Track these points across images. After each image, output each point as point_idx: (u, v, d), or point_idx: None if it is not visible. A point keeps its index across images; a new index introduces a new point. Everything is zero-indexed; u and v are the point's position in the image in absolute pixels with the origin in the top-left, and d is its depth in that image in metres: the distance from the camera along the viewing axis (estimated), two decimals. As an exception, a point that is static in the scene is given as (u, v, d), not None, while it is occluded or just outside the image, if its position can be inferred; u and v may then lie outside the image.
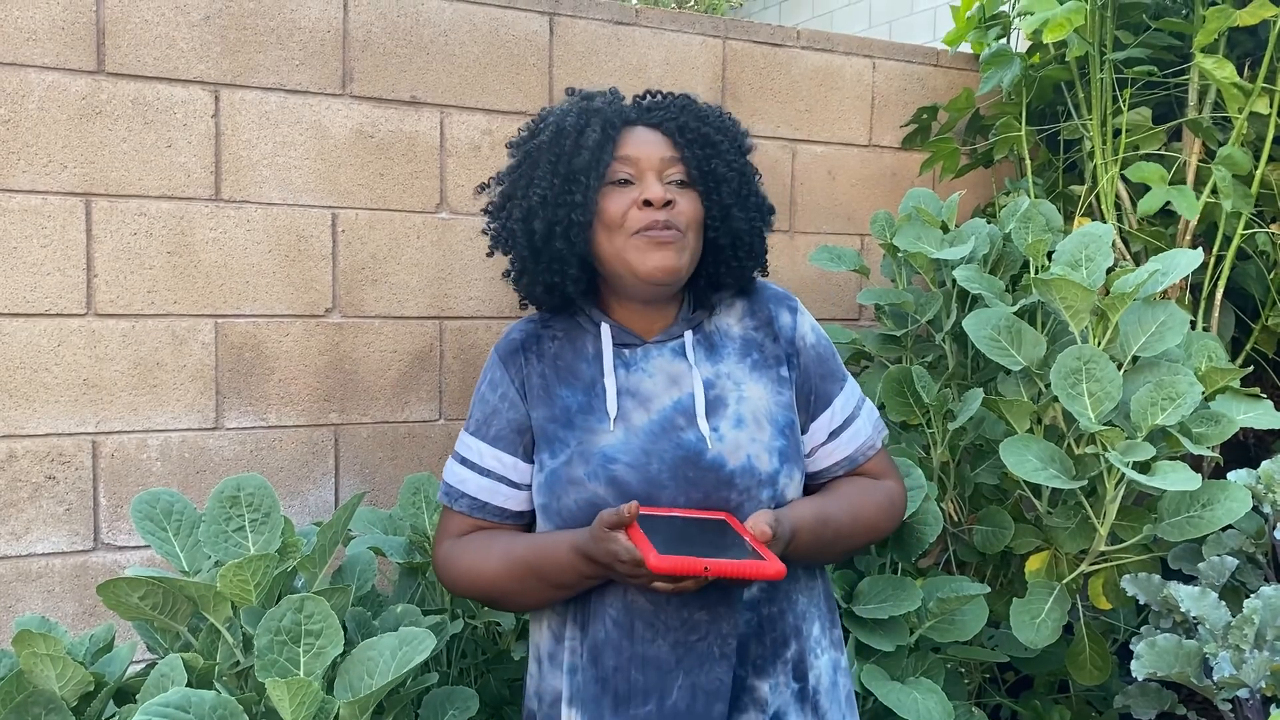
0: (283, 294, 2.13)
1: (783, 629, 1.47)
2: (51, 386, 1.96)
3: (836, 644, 1.57)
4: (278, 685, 1.27)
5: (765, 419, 1.48)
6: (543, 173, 1.46)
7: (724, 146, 1.49)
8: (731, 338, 1.54)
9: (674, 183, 1.47)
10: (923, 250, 2.21)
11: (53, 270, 1.95)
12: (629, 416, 1.46)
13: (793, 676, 1.47)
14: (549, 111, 1.52)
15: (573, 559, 1.38)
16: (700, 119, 1.50)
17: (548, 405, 1.49)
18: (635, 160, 1.45)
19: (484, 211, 1.58)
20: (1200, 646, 1.75)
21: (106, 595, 1.42)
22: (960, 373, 2.28)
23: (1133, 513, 1.97)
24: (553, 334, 1.54)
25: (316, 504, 2.19)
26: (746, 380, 1.50)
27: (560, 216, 1.44)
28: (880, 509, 1.55)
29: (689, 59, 2.51)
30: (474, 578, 1.47)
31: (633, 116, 1.51)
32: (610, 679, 1.40)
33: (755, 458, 1.44)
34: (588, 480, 1.43)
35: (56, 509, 1.98)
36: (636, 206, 1.43)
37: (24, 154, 1.93)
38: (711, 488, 1.42)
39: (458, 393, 2.30)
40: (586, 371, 1.50)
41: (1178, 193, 2.31)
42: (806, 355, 1.56)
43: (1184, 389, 1.79)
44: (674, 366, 1.49)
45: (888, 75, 2.77)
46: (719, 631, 1.40)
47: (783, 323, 1.56)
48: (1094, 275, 1.94)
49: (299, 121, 2.13)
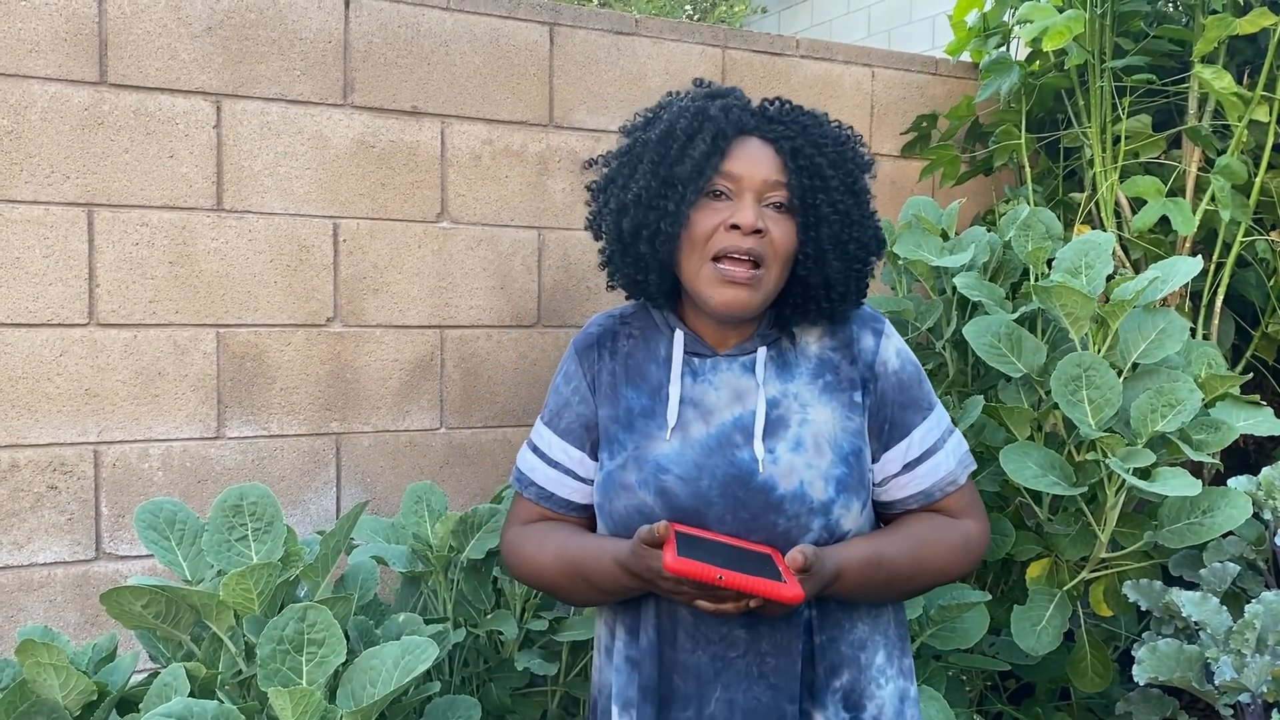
0: (284, 303, 2.14)
1: (834, 657, 1.43)
2: (53, 396, 1.96)
3: (906, 673, 1.51)
4: (280, 694, 1.27)
5: (827, 444, 1.41)
6: (644, 171, 1.40)
7: (834, 182, 1.40)
8: (807, 356, 1.47)
9: (773, 205, 1.39)
10: (923, 258, 2.21)
11: (55, 280, 1.96)
12: (688, 427, 1.43)
13: (843, 706, 1.43)
14: (669, 102, 1.46)
15: (614, 570, 1.37)
16: (817, 146, 1.40)
17: (612, 404, 1.47)
18: (738, 177, 1.38)
19: (586, 188, 1.53)
20: (1202, 651, 1.76)
21: (110, 604, 1.42)
22: (961, 380, 2.28)
23: (1133, 519, 1.97)
24: (629, 331, 1.51)
25: (318, 513, 2.19)
26: (814, 403, 1.44)
27: (650, 220, 1.40)
28: (952, 552, 1.45)
29: (688, 68, 2.52)
30: (529, 569, 1.47)
31: (750, 125, 1.41)
32: (653, 685, 1.40)
33: (809, 484, 1.38)
34: (638, 488, 1.41)
35: (58, 519, 1.98)
36: (724, 227, 1.37)
37: (27, 165, 1.93)
38: (760, 510, 1.37)
39: (458, 401, 2.30)
40: (655, 374, 1.47)
41: (1174, 206, 2.32)
42: (886, 381, 1.46)
43: (1184, 396, 1.80)
44: (741, 382, 1.45)
45: (886, 84, 2.78)
46: (758, 650, 1.38)
47: (864, 345, 1.47)
48: (1094, 283, 1.95)
49: (300, 132, 2.14)
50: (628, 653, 1.45)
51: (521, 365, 2.35)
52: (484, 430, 2.33)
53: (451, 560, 1.89)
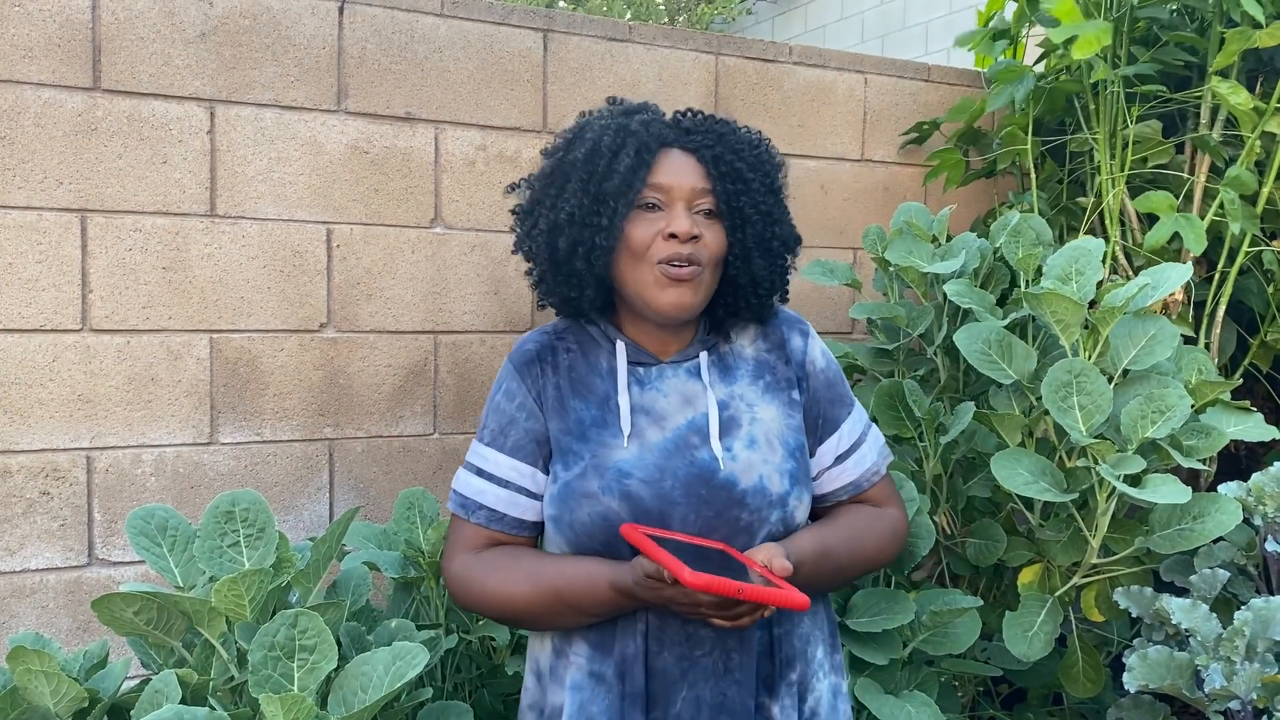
0: (277, 309, 2.14)
1: (788, 650, 1.48)
2: (46, 402, 1.96)
3: (837, 668, 1.57)
4: (271, 701, 1.27)
5: (777, 440, 1.48)
6: (572, 190, 1.44)
7: (754, 184, 1.47)
8: (745, 359, 1.54)
9: (702, 212, 1.45)
10: (914, 264, 2.22)
11: (48, 286, 1.96)
12: (643, 433, 1.46)
13: (796, 699, 1.47)
14: (587, 124, 1.50)
15: (614, 597, 1.38)
16: (735, 152, 1.47)
17: (562, 417, 1.49)
18: (667, 188, 1.44)
19: (511, 212, 1.58)
20: (1192, 659, 1.76)
21: (101, 611, 1.42)
22: (952, 386, 2.29)
23: (1124, 525, 1.97)
24: (567, 345, 1.54)
25: (311, 519, 2.19)
26: (759, 402, 1.51)
27: (585, 238, 1.43)
28: (881, 542, 1.55)
29: (682, 74, 2.52)
30: (499, 600, 1.44)
31: (670, 138, 1.48)
32: (629, 690, 1.42)
33: (767, 478, 1.44)
34: (601, 494, 1.42)
35: (51, 525, 1.98)
36: (662, 237, 1.42)
37: (20, 170, 1.94)
38: (723, 506, 1.42)
39: (452, 407, 2.31)
40: (600, 386, 1.50)
41: (1185, 222, 2.31)
42: (816, 379, 1.56)
43: (1174, 402, 1.80)
44: (688, 386, 1.49)
45: (880, 90, 2.79)
46: (724, 647, 1.42)
47: (794, 346, 1.56)
48: (1084, 289, 1.95)
49: (294, 137, 2.14)
50: (591, 668, 1.45)
51: (515, 371, 2.35)
52: (477, 436, 2.33)
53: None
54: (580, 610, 1.41)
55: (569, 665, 1.47)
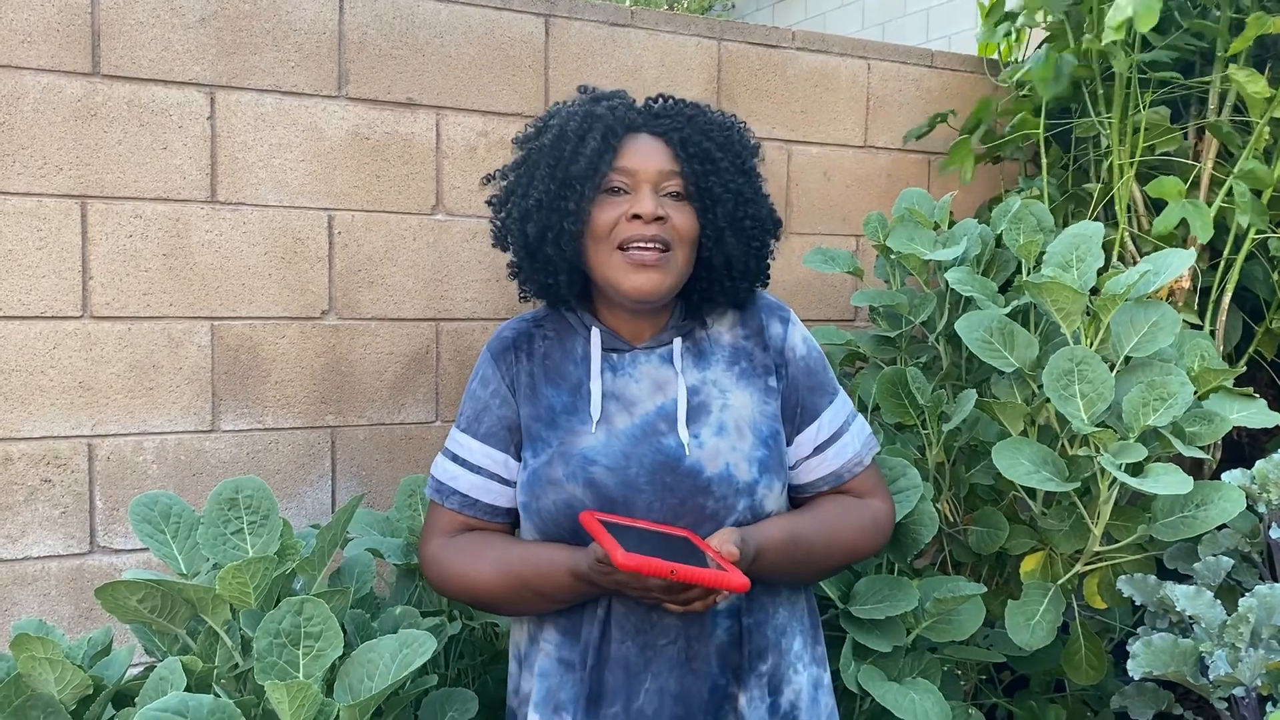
0: (279, 296, 2.13)
1: (759, 641, 1.47)
2: (47, 389, 1.96)
3: (819, 661, 1.56)
4: (277, 688, 1.27)
5: (748, 428, 1.47)
6: (541, 176, 1.45)
7: (724, 164, 1.47)
8: (721, 345, 1.54)
9: (670, 195, 1.46)
10: (915, 252, 2.21)
11: (48, 273, 1.95)
12: (612, 420, 1.46)
13: (767, 690, 1.46)
14: (557, 110, 1.51)
15: (573, 583, 1.39)
16: (704, 133, 1.47)
17: (533, 404, 1.50)
18: (633, 171, 1.44)
19: (488, 203, 1.59)
20: (1196, 645, 1.76)
21: (105, 598, 1.41)
22: (955, 373, 2.29)
23: (1127, 512, 1.97)
24: (544, 333, 1.55)
25: (313, 506, 2.19)
26: (732, 388, 1.50)
27: (553, 222, 1.44)
28: (860, 530, 1.53)
29: (684, 60, 2.51)
30: (466, 584, 1.47)
31: (638, 123, 1.49)
32: (587, 679, 1.42)
33: (734, 466, 1.44)
34: (566, 481, 1.43)
35: (52, 512, 1.98)
36: (626, 219, 1.43)
37: (19, 156, 1.92)
38: (688, 494, 1.42)
39: (454, 394, 2.30)
40: (574, 373, 1.51)
41: (1194, 209, 2.30)
42: (795, 367, 1.55)
43: (1175, 389, 1.80)
44: (660, 372, 1.50)
45: (883, 76, 2.77)
46: (687, 635, 1.41)
47: (773, 333, 1.55)
48: (1085, 277, 1.95)
49: (295, 123, 2.13)
50: (559, 655, 1.46)
51: (517, 358, 2.35)
52: (479, 423, 2.33)
53: (447, 553, 1.89)
54: (543, 596, 1.41)
55: (539, 651, 1.48)
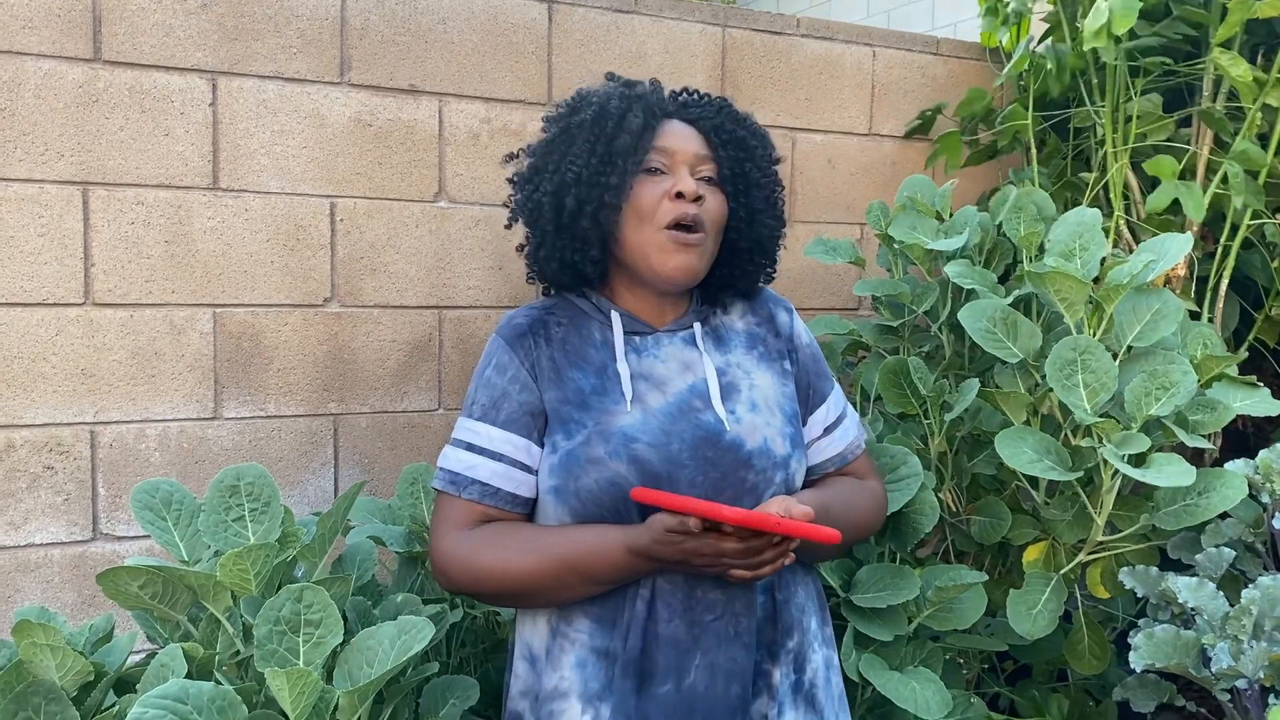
0: (281, 283, 2.13)
1: (787, 618, 1.50)
2: (49, 376, 1.96)
3: (829, 642, 1.60)
4: (277, 675, 1.27)
5: (775, 406, 1.52)
6: (580, 150, 1.46)
7: (759, 152, 1.54)
8: (736, 332, 1.58)
9: (704, 179, 1.50)
10: (918, 241, 2.20)
11: (50, 260, 1.95)
12: (645, 399, 1.47)
13: (793, 668, 1.49)
14: (590, 91, 1.54)
15: (629, 559, 1.36)
16: (737, 122, 1.53)
17: (559, 387, 1.48)
18: (671, 152, 1.48)
19: (509, 180, 1.59)
20: (1198, 637, 1.76)
21: (106, 584, 1.42)
22: (958, 363, 2.28)
23: (1130, 502, 1.97)
24: (558, 320, 1.54)
25: (316, 494, 2.19)
26: (755, 369, 1.55)
27: (593, 196, 1.45)
28: (870, 508, 1.60)
29: (688, 46, 2.50)
30: (501, 574, 1.40)
31: (671, 109, 1.53)
32: (636, 660, 1.40)
33: (771, 440, 1.47)
34: (609, 459, 1.41)
35: (55, 499, 1.98)
36: (669, 198, 1.45)
37: (21, 143, 1.92)
38: (730, 468, 1.44)
39: (457, 383, 2.30)
40: (596, 356, 1.50)
41: (1186, 190, 2.30)
42: (803, 352, 1.62)
43: (1178, 378, 1.79)
44: (685, 354, 1.52)
45: (888, 64, 2.76)
46: (733, 611, 1.42)
47: (781, 321, 1.62)
48: (1088, 266, 1.94)
49: (297, 110, 2.12)
50: (594, 644, 1.43)
51: (519, 346, 2.34)
52: (481, 411, 2.32)
53: (449, 541, 1.89)
54: (590, 578, 1.38)
55: (570, 645, 1.44)
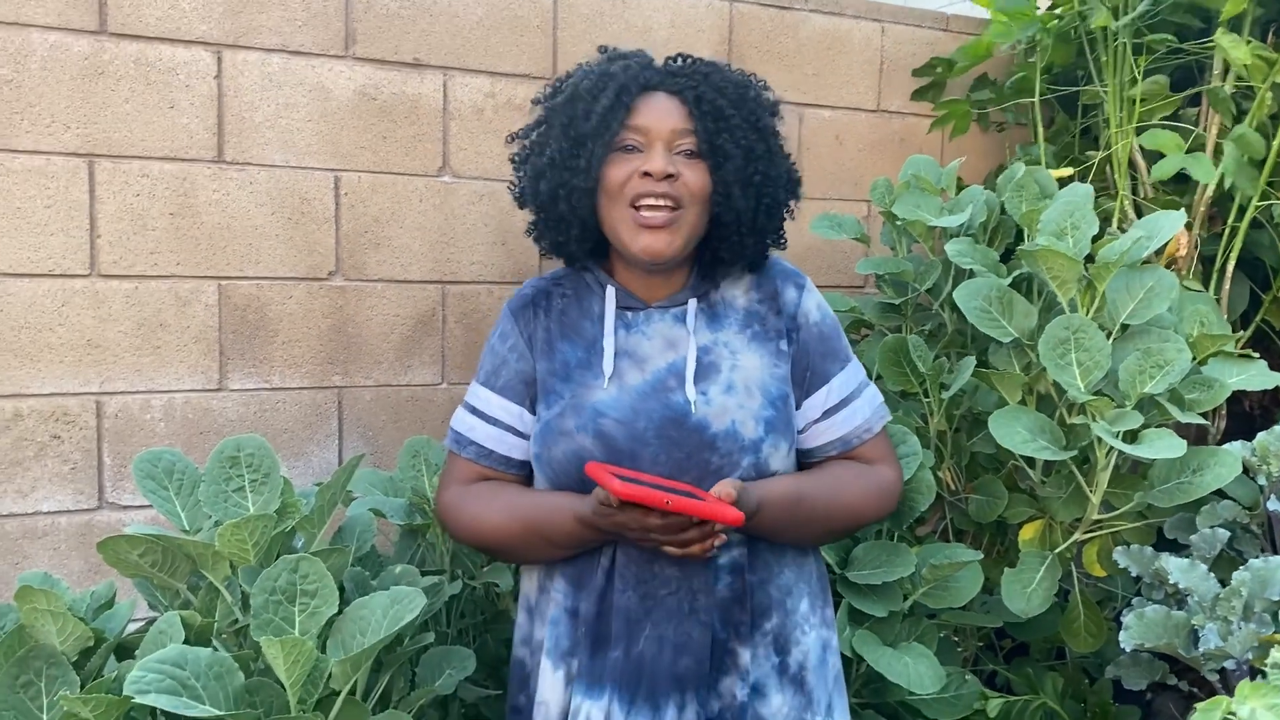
0: (285, 256, 2.14)
1: (763, 598, 1.50)
2: (55, 346, 1.98)
3: (827, 623, 1.59)
4: (272, 644, 1.29)
5: (757, 388, 1.50)
6: (555, 135, 1.48)
7: (735, 121, 1.48)
8: (735, 309, 1.56)
9: (684, 153, 1.47)
10: (921, 218, 2.20)
11: (56, 231, 1.97)
12: (624, 375, 1.49)
13: (773, 649, 1.49)
14: (576, 70, 1.54)
15: (578, 529, 1.43)
16: (718, 90, 1.48)
17: (549, 359, 1.53)
18: (645, 129, 1.46)
19: (510, 160, 1.61)
20: (1189, 618, 1.77)
21: (106, 552, 1.44)
22: (959, 341, 2.28)
23: (1126, 480, 1.97)
24: (563, 291, 1.59)
25: (320, 465, 2.22)
26: (743, 350, 1.53)
27: (564, 180, 1.47)
28: (865, 495, 1.55)
29: (695, 21, 2.49)
30: (476, 529, 1.52)
31: (654, 81, 1.50)
32: (592, 625, 1.46)
33: (740, 424, 1.46)
34: (576, 432, 1.47)
35: (61, 468, 2.01)
36: (637, 175, 1.45)
37: (27, 114, 1.94)
38: (694, 449, 1.45)
39: (460, 357, 2.31)
40: (589, 329, 1.54)
41: (1193, 160, 2.28)
42: (807, 332, 1.57)
43: (1172, 356, 1.79)
44: (673, 331, 1.52)
45: (896, 39, 2.74)
46: (689, 587, 1.44)
47: (787, 298, 1.57)
48: (1080, 244, 1.93)
49: (301, 83, 2.13)
50: (566, 604, 1.51)
51: (522, 321, 2.36)
52: (484, 385, 2.34)
53: (448, 514, 1.91)
54: (550, 542, 1.46)
55: (549, 602, 1.52)
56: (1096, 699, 2.32)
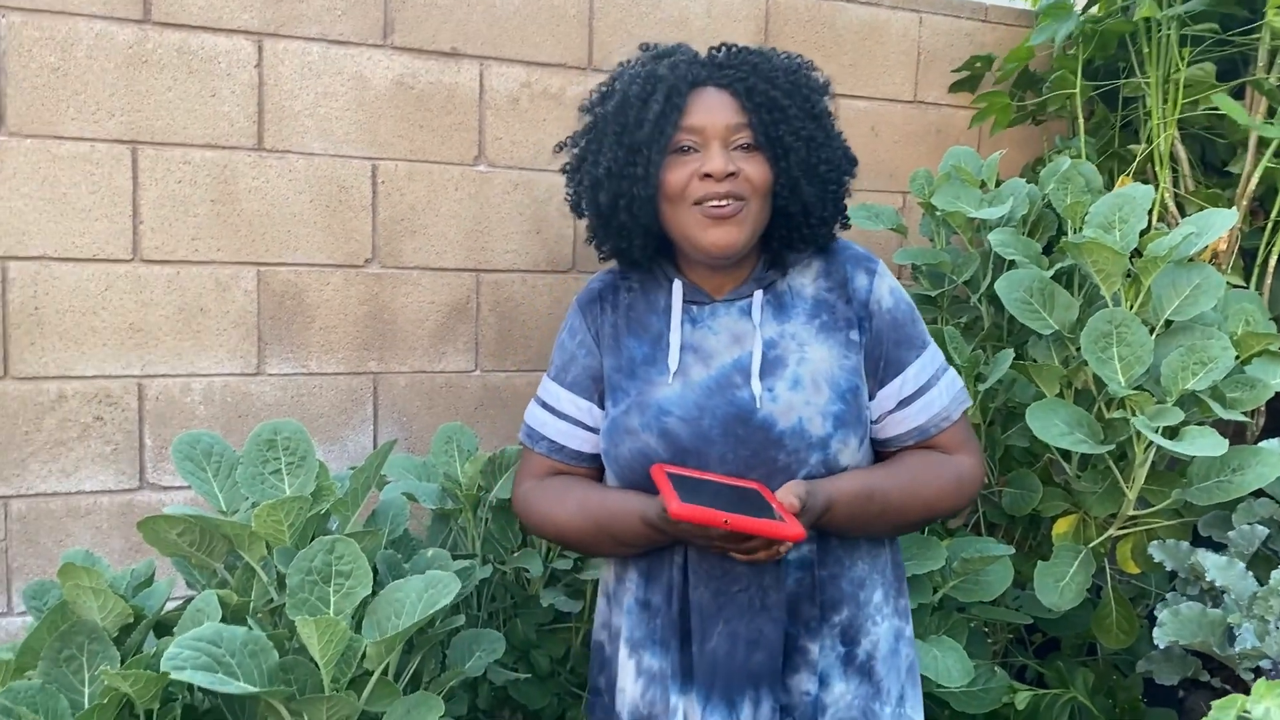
0: (323, 243, 2.17)
1: (834, 593, 1.47)
2: (99, 330, 2.02)
3: (901, 613, 1.56)
4: (307, 624, 1.31)
5: (825, 382, 1.45)
6: (609, 144, 1.45)
7: (792, 112, 1.44)
8: (803, 298, 1.51)
9: (741, 147, 1.44)
10: (961, 210, 2.19)
11: (100, 216, 2.00)
12: (689, 371, 1.47)
13: (840, 640, 1.47)
14: (620, 73, 1.50)
15: (645, 530, 1.42)
16: (769, 81, 1.44)
17: (616, 355, 1.53)
18: (700, 129, 1.42)
19: (561, 171, 1.59)
20: (1224, 616, 1.75)
21: (146, 531, 1.47)
22: (995, 334, 2.26)
23: (1163, 477, 1.95)
24: (630, 285, 1.57)
25: (355, 450, 2.24)
26: (811, 342, 1.48)
27: (624, 189, 1.44)
28: (942, 487, 1.49)
29: (732, 10, 2.49)
30: (548, 525, 1.53)
31: (702, 76, 1.46)
32: (669, 621, 1.46)
33: (807, 420, 1.42)
34: (641, 430, 1.45)
35: (104, 449, 2.05)
36: (697, 177, 1.42)
37: (73, 102, 1.97)
38: (760, 446, 1.42)
39: (493, 345, 2.33)
40: (655, 324, 1.52)
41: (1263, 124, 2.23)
42: (880, 319, 1.50)
43: (1216, 353, 1.77)
44: (739, 325, 1.49)
45: (934, 30, 2.72)
46: (760, 584, 1.43)
47: (857, 285, 1.51)
48: (1127, 238, 1.91)
49: (340, 72, 2.15)
50: (639, 595, 1.51)
51: (556, 310, 2.37)
52: (518, 374, 2.36)
53: (480, 499, 1.93)
54: (618, 540, 1.46)
55: (625, 591, 1.53)
56: (1127, 695, 2.30)
